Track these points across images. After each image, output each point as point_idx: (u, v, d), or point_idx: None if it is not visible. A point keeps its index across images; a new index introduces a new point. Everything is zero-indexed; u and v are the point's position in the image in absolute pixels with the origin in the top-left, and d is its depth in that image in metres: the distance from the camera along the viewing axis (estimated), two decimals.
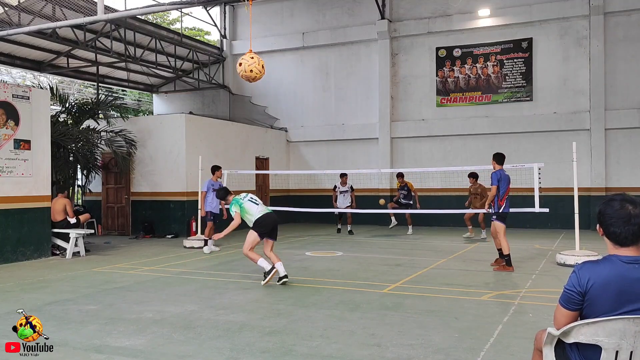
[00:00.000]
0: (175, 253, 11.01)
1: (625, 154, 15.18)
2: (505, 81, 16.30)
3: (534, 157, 14.66)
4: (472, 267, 8.87)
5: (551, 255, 10.03)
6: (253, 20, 18.45)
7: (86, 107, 14.05)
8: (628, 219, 2.41)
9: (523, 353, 4.33)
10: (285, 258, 10.12)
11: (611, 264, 2.43)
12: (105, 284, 7.57)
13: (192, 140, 14.37)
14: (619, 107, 15.23)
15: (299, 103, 18.95)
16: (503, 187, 8.43)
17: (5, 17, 12.31)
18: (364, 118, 18.04)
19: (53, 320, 5.50)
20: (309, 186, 18.02)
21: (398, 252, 11.13)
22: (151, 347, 4.62)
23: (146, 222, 14.28)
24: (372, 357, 4.33)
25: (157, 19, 25.91)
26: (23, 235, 9.95)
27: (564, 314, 2.51)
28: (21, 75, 22.84)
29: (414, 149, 17.22)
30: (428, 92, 17.19)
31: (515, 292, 6.86)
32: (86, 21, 9.87)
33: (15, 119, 9.86)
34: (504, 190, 8.42)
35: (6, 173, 9.69)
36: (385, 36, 17.40)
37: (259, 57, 8.04)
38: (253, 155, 17.12)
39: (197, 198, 12.53)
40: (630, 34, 15.18)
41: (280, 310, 5.91)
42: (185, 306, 6.14)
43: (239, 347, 4.61)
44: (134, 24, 15.28)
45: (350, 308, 5.99)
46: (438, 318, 5.53)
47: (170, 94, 20.53)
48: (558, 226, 15.06)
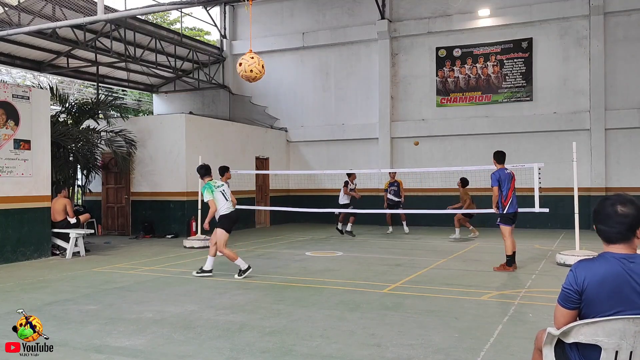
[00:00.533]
0: (175, 253, 11.01)
1: (625, 154, 15.18)
2: (505, 81, 16.30)
3: (534, 157, 14.67)
4: (472, 267, 8.87)
5: (551, 255, 10.03)
6: (253, 20, 18.45)
7: (86, 107, 14.05)
8: (614, 217, 2.44)
9: (523, 353, 4.33)
10: (285, 258, 10.16)
11: (606, 262, 2.45)
12: (105, 284, 7.57)
13: (192, 140, 14.37)
14: (619, 107, 15.23)
15: (299, 103, 18.96)
16: (506, 187, 8.34)
17: (5, 17, 12.31)
18: (364, 118, 18.04)
19: (53, 320, 5.50)
20: (309, 186, 18.02)
21: (398, 252, 11.13)
22: (151, 347, 4.62)
23: (146, 222, 14.28)
24: (372, 357, 4.32)
25: (158, 19, 25.91)
26: (23, 235, 9.95)
27: (563, 313, 2.52)
28: (21, 75, 22.85)
29: (414, 149, 17.22)
30: (428, 92, 17.19)
31: (515, 292, 6.86)
32: (86, 21, 9.87)
33: (15, 119, 9.86)
34: (506, 189, 8.34)
35: (6, 173, 9.69)
36: (385, 36, 17.40)
37: (259, 57, 8.04)
38: (253, 155, 17.12)
39: (197, 198, 12.53)
40: (630, 34, 15.18)
41: (280, 310, 5.91)
42: (185, 306, 6.14)
43: (239, 347, 4.61)
44: (134, 24, 15.28)
45: (350, 308, 5.99)
46: (438, 318, 5.53)
47: (170, 94, 20.53)
48: (558, 226, 15.06)
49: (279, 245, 12.38)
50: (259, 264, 9.45)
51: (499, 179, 8.32)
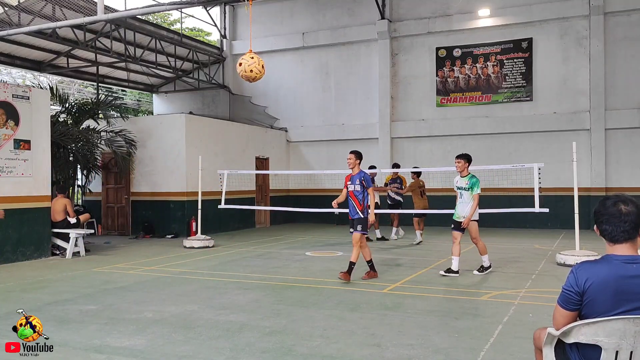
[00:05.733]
0: (175, 253, 11.01)
1: (625, 154, 15.18)
2: (505, 81, 16.30)
3: (534, 157, 14.67)
4: (472, 267, 8.86)
5: (551, 255, 10.03)
6: (253, 20, 18.44)
7: (86, 107, 14.05)
8: (619, 216, 2.44)
9: (523, 353, 4.33)
10: (285, 258, 10.15)
11: (609, 264, 2.44)
12: (105, 284, 7.57)
13: (192, 140, 14.37)
14: (619, 107, 15.24)
15: (299, 103, 18.96)
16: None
17: (5, 17, 12.31)
18: (364, 118, 18.04)
19: (53, 320, 5.50)
20: (309, 186, 18.01)
21: (398, 252, 11.13)
22: (151, 347, 4.62)
23: (146, 222, 14.28)
24: (372, 357, 4.32)
25: (158, 19, 25.90)
26: (23, 235, 9.95)
27: (563, 314, 2.51)
28: (21, 75, 22.84)
29: (414, 149, 17.22)
30: (428, 92, 17.19)
31: (515, 292, 6.86)
32: (86, 21, 9.88)
33: (15, 119, 9.86)
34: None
35: (6, 173, 9.69)
36: (385, 36, 17.40)
37: (259, 57, 8.04)
38: (253, 155, 17.12)
39: (197, 198, 12.53)
40: (630, 34, 15.18)
41: (280, 310, 5.91)
42: (185, 306, 6.14)
43: (239, 347, 4.61)
44: (134, 24, 15.28)
45: (350, 308, 5.99)
46: (438, 318, 5.53)
47: (170, 94, 20.53)
48: (558, 226, 15.06)
49: (279, 245, 12.38)
50: (259, 264, 9.46)
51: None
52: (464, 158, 8.05)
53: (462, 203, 8.00)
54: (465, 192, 7.95)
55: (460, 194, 8.03)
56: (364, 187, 7.61)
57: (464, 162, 8.00)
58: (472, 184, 7.86)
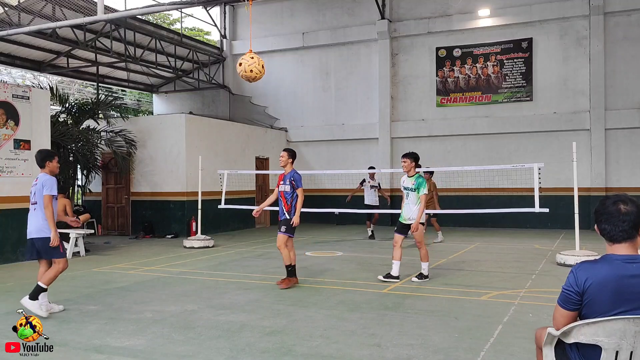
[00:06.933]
0: (175, 253, 11.01)
1: (625, 154, 15.18)
2: (505, 81, 16.30)
3: (534, 157, 14.67)
4: (472, 267, 8.87)
5: (551, 255, 10.03)
6: (253, 20, 18.44)
7: (86, 107, 14.05)
8: (618, 216, 2.45)
9: (523, 353, 4.33)
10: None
11: (608, 264, 2.44)
12: (105, 284, 7.57)
13: (192, 140, 14.37)
14: (619, 107, 15.23)
15: (299, 103, 18.95)
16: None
17: (5, 17, 12.31)
18: (364, 118, 18.04)
19: (53, 320, 5.51)
20: (308, 186, 17.91)
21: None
22: (151, 347, 4.62)
23: (146, 222, 14.28)
24: (372, 357, 4.32)
25: (158, 19, 25.90)
26: (23, 236, 9.86)
27: (563, 314, 2.51)
28: (21, 75, 22.84)
29: (414, 149, 17.10)
30: (428, 92, 17.19)
31: (515, 292, 6.86)
32: (86, 21, 9.88)
33: (15, 119, 9.86)
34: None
35: (6, 173, 9.69)
36: (385, 36, 17.40)
37: (259, 57, 8.03)
38: (253, 155, 17.12)
39: (197, 198, 12.54)
40: (630, 34, 15.18)
41: (280, 310, 5.91)
42: (185, 306, 6.14)
43: (239, 347, 4.61)
44: (134, 24, 15.28)
45: (350, 308, 5.99)
46: (438, 318, 5.53)
47: (170, 94, 20.53)
48: (558, 226, 15.06)
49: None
50: (259, 264, 9.46)
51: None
52: (411, 157, 7.69)
53: (408, 204, 7.67)
54: (411, 193, 7.62)
55: (407, 194, 7.69)
56: (293, 187, 7.35)
57: (410, 161, 7.64)
58: (419, 184, 7.52)
